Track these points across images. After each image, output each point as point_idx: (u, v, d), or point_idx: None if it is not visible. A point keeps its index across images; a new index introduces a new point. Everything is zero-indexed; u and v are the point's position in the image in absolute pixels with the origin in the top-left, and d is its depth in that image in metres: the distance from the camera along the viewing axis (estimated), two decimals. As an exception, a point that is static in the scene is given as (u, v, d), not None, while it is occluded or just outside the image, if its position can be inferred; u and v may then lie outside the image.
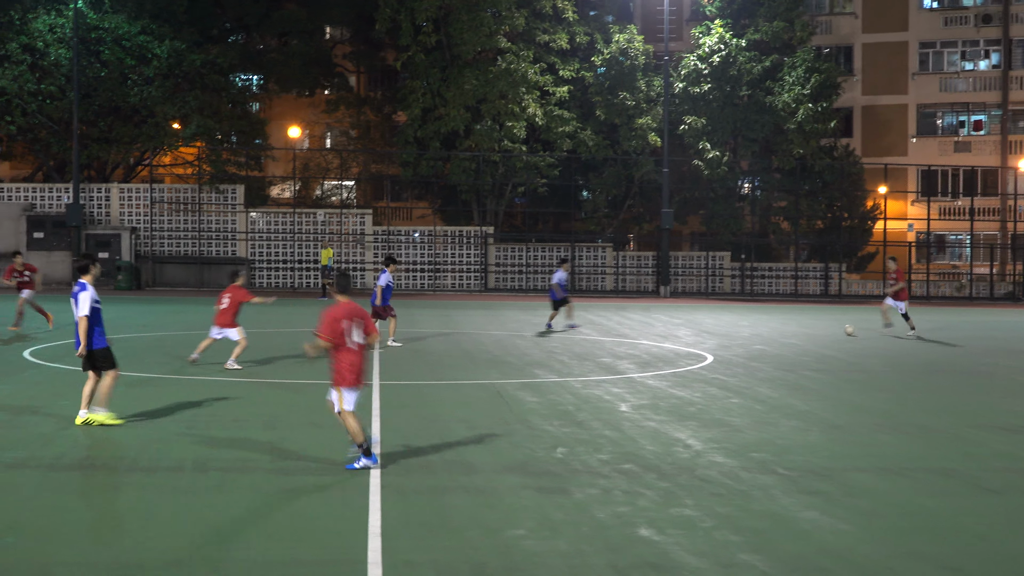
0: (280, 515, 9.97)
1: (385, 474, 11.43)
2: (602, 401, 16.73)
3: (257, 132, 57.49)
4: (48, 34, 48.46)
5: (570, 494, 10.82)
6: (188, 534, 9.30)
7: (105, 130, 50.27)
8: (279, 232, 49.95)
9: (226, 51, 54.43)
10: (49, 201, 49.33)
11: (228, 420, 14.59)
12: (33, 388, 17.19)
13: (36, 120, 49.60)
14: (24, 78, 48.46)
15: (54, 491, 10.68)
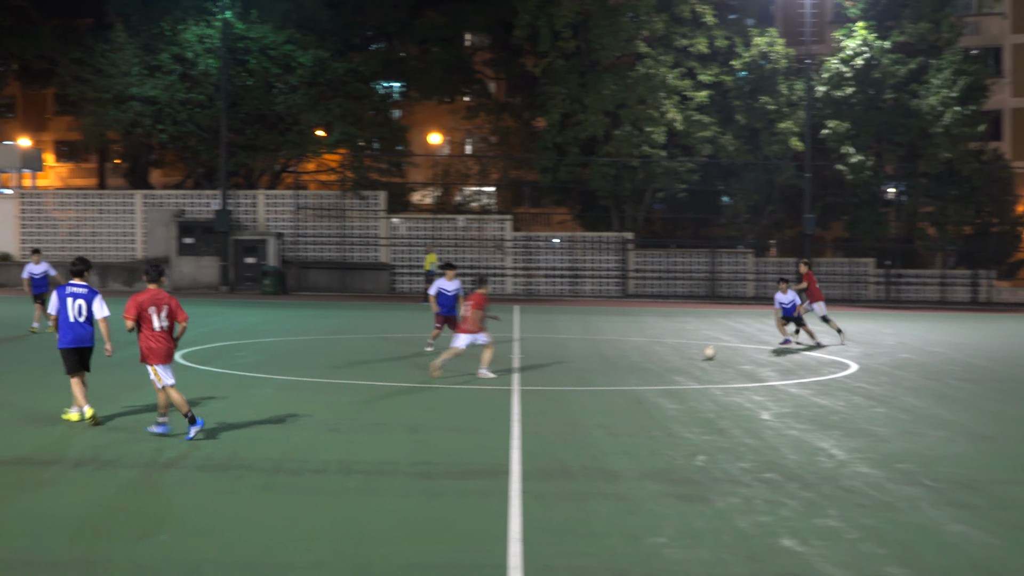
0: (422, 518, 10.06)
1: (526, 479, 11.47)
2: (743, 409, 16.56)
3: (399, 139, 58.21)
4: (198, 45, 49.76)
5: (711, 502, 10.74)
6: (332, 536, 9.45)
7: (251, 138, 51.39)
8: (420, 238, 50.47)
9: (368, 59, 55.24)
10: (198, 207, 50.60)
11: (371, 423, 14.78)
12: (184, 390, 17.58)
13: (186, 128, 50.95)
14: (175, 87, 49.87)
15: (203, 491, 10.94)
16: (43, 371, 19.86)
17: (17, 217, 50.99)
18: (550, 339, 27.18)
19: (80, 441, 13.15)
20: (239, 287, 48.34)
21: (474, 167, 61.32)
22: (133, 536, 9.32)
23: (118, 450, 12.65)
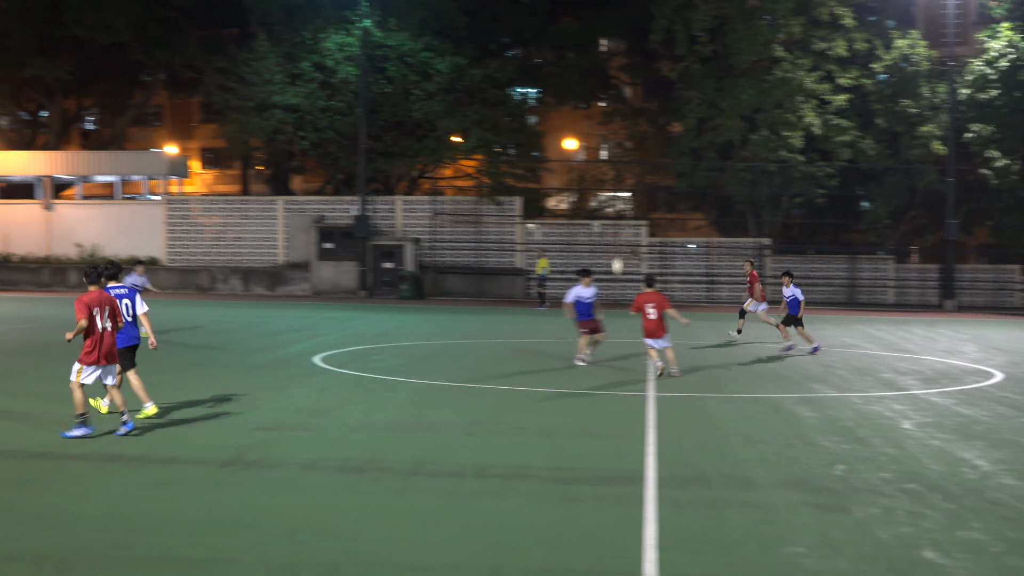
0: (557, 523, 10.10)
1: (661, 486, 11.44)
2: (883, 418, 16.26)
3: (534, 144, 58.41)
4: (338, 53, 50.61)
5: (850, 512, 10.58)
6: (468, 539, 9.54)
7: (390, 144, 52.07)
8: (555, 243, 50.57)
9: (504, 65, 55.58)
10: (338, 213, 51.41)
11: (507, 428, 14.87)
12: (323, 393, 17.95)
13: (326, 135, 51.84)
14: (316, 95, 50.81)
15: (342, 492, 11.13)
16: (183, 372, 20.40)
17: (164, 223, 52.43)
18: (685, 345, 27.01)
19: (227, 442, 13.47)
20: (377, 292, 48.99)
21: (609, 172, 61.22)
22: (273, 535, 9.53)
23: (261, 451, 12.94)
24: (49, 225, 53.34)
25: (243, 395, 17.46)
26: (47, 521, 9.80)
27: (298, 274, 50.28)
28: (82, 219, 53.45)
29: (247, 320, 33.90)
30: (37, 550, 8.90)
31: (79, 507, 10.31)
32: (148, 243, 52.12)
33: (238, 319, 34.26)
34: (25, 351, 24.17)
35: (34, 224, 53.46)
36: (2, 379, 19.04)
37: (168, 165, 55.17)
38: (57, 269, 51.66)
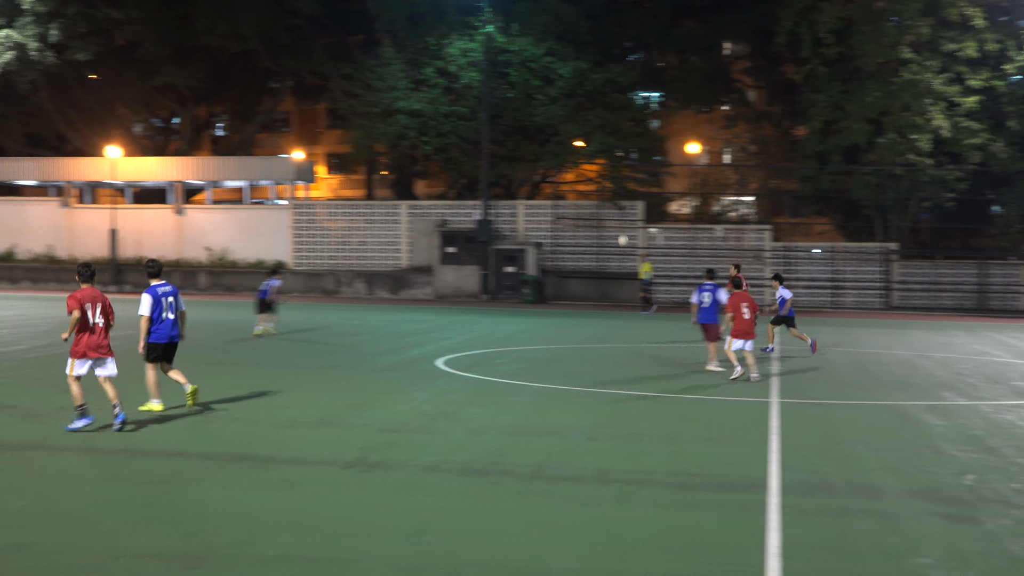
0: (678, 529, 10.07)
1: (785, 493, 11.33)
2: (1015, 427, 15.88)
3: (656, 149, 58.17)
4: (461, 58, 51.01)
5: (980, 523, 10.36)
6: (588, 544, 9.56)
7: (512, 149, 52.29)
8: (677, 248, 50.30)
9: (627, 69, 55.49)
10: (460, 217, 51.78)
11: (627, 433, 14.85)
12: (445, 396, 18.11)
13: (449, 140, 52.26)
14: (439, 100, 51.28)
15: (464, 494, 11.23)
16: (310, 374, 20.73)
17: (291, 227, 53.34)
18: (810, 351, 26.66)
19: (351, 443, 13.68)
20: (499, 296, 49.23)
21: (732, 176, 60.68)
22: (396, 536, 9.65)
23: (385, 453, 13.11)
24: (180, 229, 54.62)
25: (367, 397, 17.70)
26: (179, 519, 10.06)
27: (421, 278, 50.76)
28: (211, 223, 54.64)
29: (371, 323, 34.32)
30: (170, 547, 9.15)
31: (209, 505, 10.56)
32: (275, 247, 53.06)
33: (362, 322, 34.70)
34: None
35: (166, 228, 54.78)
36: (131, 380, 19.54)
37: (295, 170, 56.12)
38: (187, 272, 52.85)
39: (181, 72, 56.74)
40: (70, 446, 13.28)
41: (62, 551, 8.99)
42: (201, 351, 24.72)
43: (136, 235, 54.68)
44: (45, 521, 9.88)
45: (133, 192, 60.62)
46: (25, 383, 18.64)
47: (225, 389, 18.33)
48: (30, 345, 25.23)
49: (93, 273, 14.67)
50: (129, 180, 56.56)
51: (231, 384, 19.01)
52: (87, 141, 62.23)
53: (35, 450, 12.99)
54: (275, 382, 19.52)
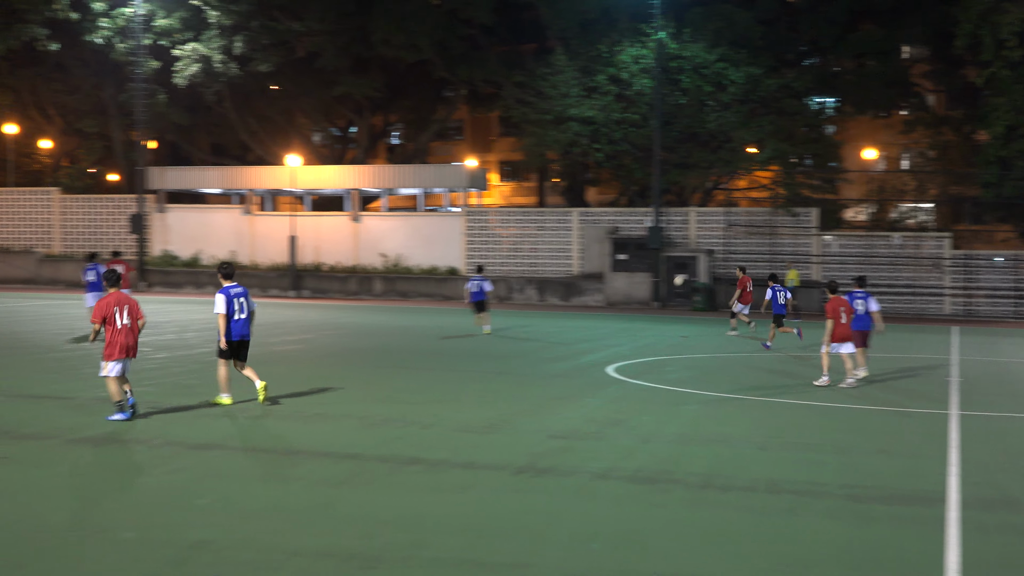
0: (852, 543, 9.89)
1: (965, 508, 11.05)
2: None
3: (832, 155, 57.14)
4: (633, 65, 50.95)
5: None
6: (760, 555, 9.47)
7: (684, 156, 52.00)
8: (852, 255, 49.33)
9: (801, 75, 54.63)
10: (631, 224, 51.69)
11: (799, 443, 14.66)
12: (615, 403, 18.13)
13: (621, 147, 52.24)
14: (611, 108, 51.30)
15: (634, 502, 11.23)
16: (484, 380, 20.95)
17: (463, 234, 53.98)
18: (992, 362, 25.90)
19: (522, 449, 13.81)
20: (670, 303, 48.99)
21: (910, 183, 59.17)
22: (567, 542, 9.71)
23: (555, 459, 13.20)
24: (356, 236, 55.77)
25: (538, 403, 17.84)
26: (354, 520, 10.31)
27: (592, 285, 50.83)
28: (386, 230, 55.64)
29: (542, 330, 34.51)
30: (345, 547, 9.38)
31: (383, 507, 10.79)
32: (448, 253, 53.76)
33: (533, 329, 34.92)
34: (331, 355, 25.37)
35: (342, 235, 55.99)
36: (310, 382, 20.05)
37: (468, 178, 56.78)
38: (363, 278, 53.92)
39: (358, 82, 57.97)
40: (250, 446, 13.71)
41: (241, 548, 9.31)
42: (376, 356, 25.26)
43: (314, 242, 56.01)
44: (226, 519, 10.23)
45: (311, 200, 62.12)
46: (208, 385, 19.28)
47: (399, 392, 18.68)
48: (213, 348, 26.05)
49: (119, 278, 15.75)
50: (308, 188, 58.00)
51: (404, 387, 19.36)
52: (268, 150, 64.05)
53: (216, 450, 13.45)
54: (448, 387, 19.80)
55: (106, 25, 56.14)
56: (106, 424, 15.07)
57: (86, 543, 9.34)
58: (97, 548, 9.21)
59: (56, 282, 57.10)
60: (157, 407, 16.57)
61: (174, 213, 58.50)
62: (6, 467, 12.23)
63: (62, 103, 64.85)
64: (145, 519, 10.11)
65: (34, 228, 59.50)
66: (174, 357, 23.73)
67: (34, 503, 10.65)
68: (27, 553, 9.02)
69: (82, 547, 9.22)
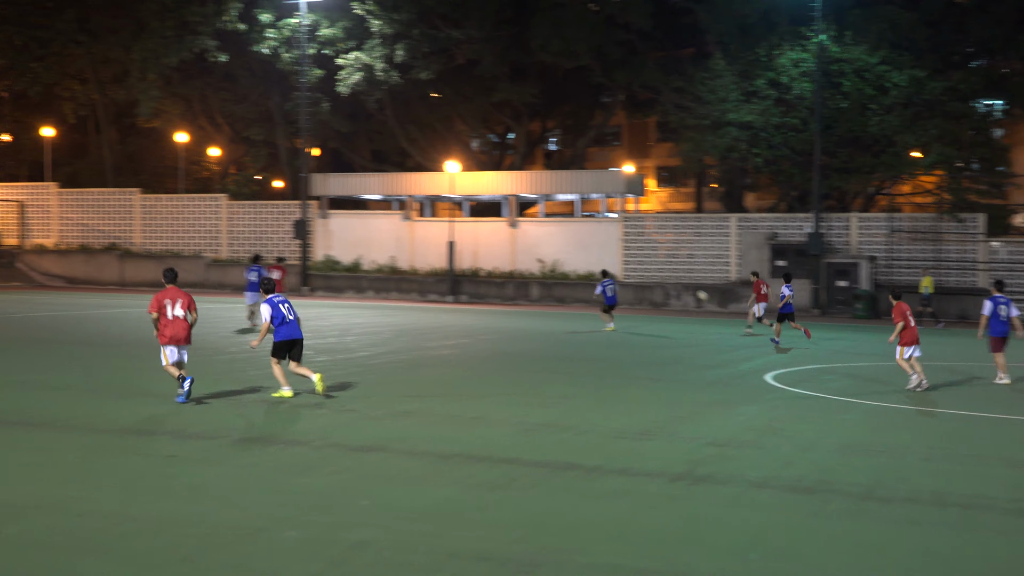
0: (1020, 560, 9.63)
1: None
2: None
3: (1000, 159, 55.53)
4: (793, 69, 50.24)
5: None
6: (922, 570, 9.28)
7: (845, 160, 51.07)
8: (1021, 262, 47.79)
9: (968, 77, 53.16)
10: (791, 230, 50.98)
11: (965, 454, 14.29)
12: (774, 411, 17.92)
13: (780, 152, 51.57)
14: (770, 112, 50.66)
15: (793, 512, 11.08)
16: (640, 386, 20.90)
17: (620, 240, 53.90)
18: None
19: (679, 456, 13.75)
20: (830, 310, 48.15)
21: (1084, 187, 57.24)
22: (724, 551, 9.65)
23: (712, 466, 13.11)
24: (513, 241, 56.14)
25: (695, 410, 17.74)
26: (511, 523, 10.39)
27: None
28: (543, 236, 55.87)
29: (699, 336, 34.30)
30: (502, 551, 9.47)
31: (540, 512, 10.85)
32: (604, 259, 53.71)
33: (690, 335, 34.72)
34: (487, 359, 25.59)
35: (500, 240, 56.41)
36: (467, 387, 20.26)
37: (625, 183, 56.69)
38: (520, 283, 54.22)
39: (517, 89, 58.38)
40: (409, 449, 13.92)
41: (400, 549, 9.47)
42: (532, 361, 25.42)
43: (472, 247, 56.56)
44: (385, 520, 10.41)
45: (469, 205, 62.74)
46: (368, 387, 19.64)
47: (555, 398, 18.77)
48: (373, 352, 26.54)
49: (175, 276, 17.82)
50: (466, 194, 58.59)
51: (560, 393, 19.44)
52: (427, 156, 64.94)
53: (377, 452, 13.69)
54: (603, 393, 19.82)
55: (273, 36, 57.62)
56: (270, 425, 15.48)
57: (249, 541, 9.61)
58: (260, 546, 9.47)
59: (222, 286, 58.77)
60: (319, 409, 16.95)
61: (336, 219, 59.69)
62: (173, 466, 12.65)
63: (230, 112, 66.79)
64: (307, 519, 10.36)
65: (203, 233, 61.33)
66: (335, 360, 24.21)
67: (200, 501, 11.00)
68: (194, 549, 9.32)
69: (246, 545, 9.49)
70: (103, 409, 16.59)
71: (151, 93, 59.53)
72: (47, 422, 15.34)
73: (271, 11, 57.67)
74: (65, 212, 63.66)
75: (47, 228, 63.93)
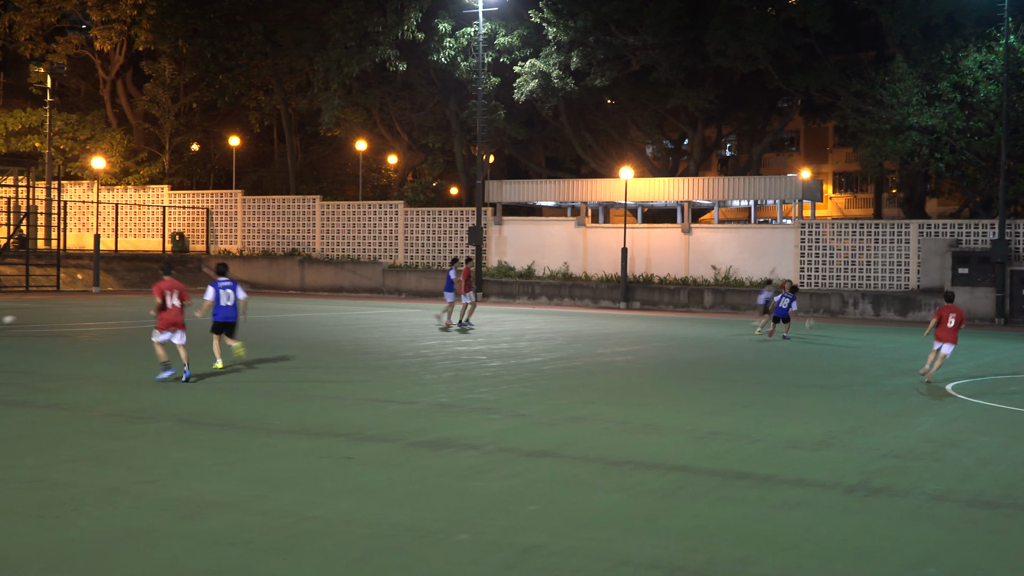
0: None
1: None
2: None
3: None
4: (978, 71, 48.79)
5: None
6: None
7: (1033, 165, 49.43)
8: None
9: None
10: (974, 237, 49.54)
11: None
12: (954, 422, 17.47)
13: (963, 157, 50.13)
14: (953, 116, 49.27)
15: (974, 527, 10.79)
16: (810, 395, 20.57)
17: (796, 246, 53.10)
18: None
19: (854, 467, 13.51)
20: (1014, 320, 46.62)
21: None
22: (900, 566, 9.43)
23: (888, 478, 12.84)
24: (686, 248, 55.80)
25: (871, 420, 17.41)
26: (681, 532, 10.35)
27: (931, 299, 48.97)
28: (717, 242, 55.40)
29: (877, 345, 33.58)
30: (671, 559, 9.45)
31: (711, 521, 10.78)
32: (780, 266, 53.02)
33: (868, 344, 34.02)
34: (659, 366, 25.52)
35: (673, 247, 56.13)
36: (638, 394, 20.24)
37: (801, 189, 55.82)
38: (694, 290, 53.86)
39: (692, 94, 58.02)
40: (581, 455, 13.97)
41: (570, 554, 9.52)
42: (705, 368, 25.26)
43: (645, 253, 56.42)
44: (556, 525, 10.48)
45: (643, 212, 62.58)
46: (540, 393, 19.79)
47: (727, 405, 18.64)
48: (545, 358, 26.70)
49: (171, 268, 20.50)
50: (639, 200, 58.46)
51: (732, 401, 19.30)
52: (601, 163, 65.03)
53: (548, 457, 13.77)
54: (776, 401, 19.60)
55: (450, 45, 58.48)
56: (444, 429, 15.70)
57: (422, 543, 9.78)
58: (433, 548, 9.63)
59: (399, 291, 59.84)
60: (492, 414, 17.14)
61: (510, 225, 60.19)
62: (350, 468, 12.95)
63: (408, 120, 68.02)
64: (478, 522, 10.50)
65: (380, 240, 62.51)
66: (507, 366, 24.44)
67: (375, 503, 11.24)
68: (369, 550, 9.54)
69: (418, 547, 9.67)
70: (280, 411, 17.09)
71: (333, 102, 60.98)
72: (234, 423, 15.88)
73: (449, 20, 58.53)
74: (249, 219, 65.66)
75: (232, 234, 66.02)
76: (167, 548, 9.40)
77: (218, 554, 9.29)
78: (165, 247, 65.26)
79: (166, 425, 15.47)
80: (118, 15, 65.39)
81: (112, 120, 72.33)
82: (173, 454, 13.39)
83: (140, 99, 71.61)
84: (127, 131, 72.14)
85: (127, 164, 70.37)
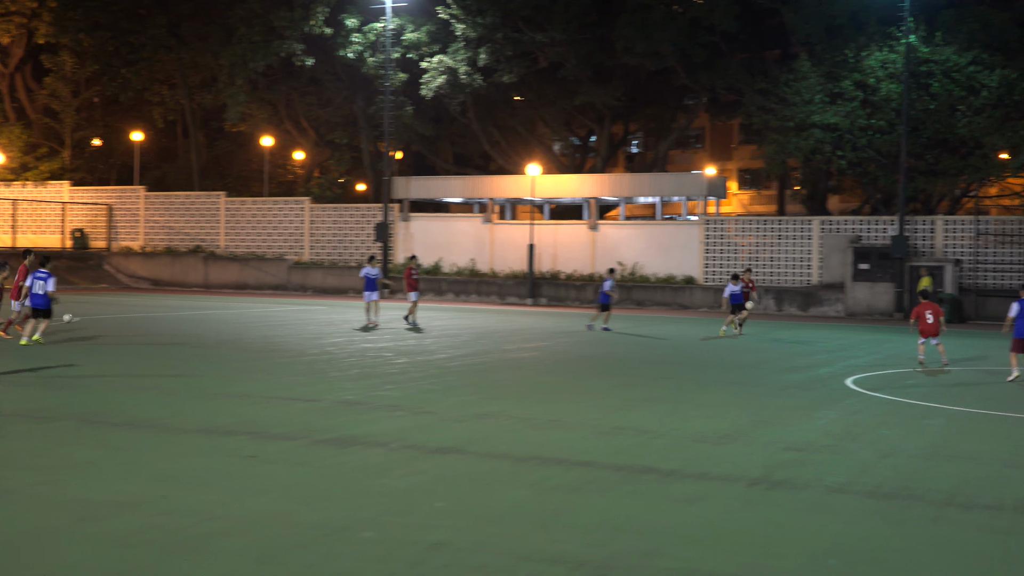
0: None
1: None
2: None
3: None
4: (880, 70, 49.63)
5: None
6: (1005, 576, 9.16)
7: (931, 163, 50.39)
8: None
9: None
10: (875, 233, 50.40)
11: (1052, 463, 14.05)
12: (854, 416, 17.73)
13: (865, 154, 50.98)
14: (856, 114, 50.08)
15: (872, 518, 10.94)
16: (718, 390, 20.78)
17: (701, 242, 53.63)
18: None
19: (756, 460, 13.66)
20: (915, 315, 47.49)
21: None
22: (802, 557, 9.55)
23: (789, 471, 13.00)
24: (593, 244, 56.07)
25: (773, 414, 17.61)
26: (586, 527, 10.38)
27: (832, 295, 49.76)
28: (623, 238, 55.74)
29: (779, 340, 34.02)
30: (577, 554, 9.45)
31: (615, 516, 10.81)
32: (684, 262, 53.52)
33: (770, 339, 34.45)
34: (565, 362, 25.60)
35: (579, 243, 56.38)
36: (544, 389, 20.28)
37: (707, 186, 56.39)
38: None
39: (599, 91, 58.30)
40: (486, 452, 13.96)
41: (475, 550, 9.49)
42: (610, 364, 25.37)
43: (551, 249, 56.61)
44: (462, 521, 10.45)
45: (550, 208, 62.77)
46: (446, 389, 19.75)
47: (632, 401, 18.74)
48: (452, 354, 26.67)
49: (31, 253, 26.89)
50: (546, 197, 58.63)
51: (637, 396, 19.41)
52: (509, 160, 65.11)
53: (453, 454, 13.74)
54: (681, 396, 19.76)
55: (358, 40, 58.17)
56: (349, 427, 15.58)
57: (328, 541, 9.69)
58: (339, 546, 9.56)
59: (304, 288, 59.42)
60: (397, 411, 17.07)
61: (417, 221, 60.06)
62: (255, 466, 12.81)
63: (315, 116, 67.54)
64: (384, 520, 10.43)
65: (286, 236, 62.03)
66: (414, 363, 24.37)
67: (280, 501, 11.12)
68: (274, 549, 9.43)
69: (324, 545, 9.58)
70: (184, 409, 16.87)
71: (238, 98, 60.39)
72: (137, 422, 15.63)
73: (357, 16, 58.22)
74: (152, 215, 64.76)
75: (134, 231, 65.09)
76: (67, 550, 9.21)
77: (120, 555, 9.12)
78: (65, 244, 64.09)
79: (67, 424, 15.18)
80: (17, 7, 64.19)
81: (10, 114, 70.94)
82: (74, 454, 13.14)
83: (40, 93, 70.35)
84: (26, 125, 70.78)
85: (26, 159, 69.11)
